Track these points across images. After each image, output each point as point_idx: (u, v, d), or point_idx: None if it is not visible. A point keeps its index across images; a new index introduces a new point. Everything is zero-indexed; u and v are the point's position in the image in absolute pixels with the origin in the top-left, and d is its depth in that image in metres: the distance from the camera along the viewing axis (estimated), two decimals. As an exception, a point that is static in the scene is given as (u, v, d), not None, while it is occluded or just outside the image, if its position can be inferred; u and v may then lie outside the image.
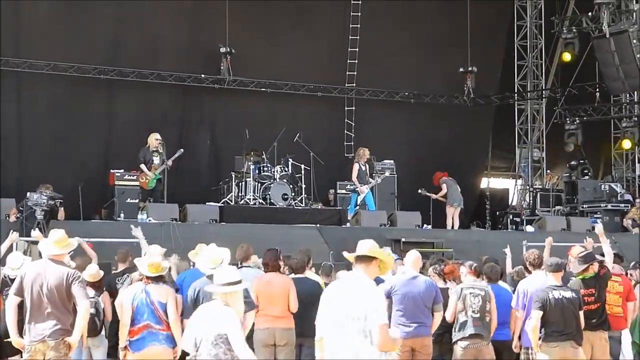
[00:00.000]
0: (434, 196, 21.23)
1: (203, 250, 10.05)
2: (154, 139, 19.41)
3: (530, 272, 11.15)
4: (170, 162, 19.26)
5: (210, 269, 9.35)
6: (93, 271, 11.56)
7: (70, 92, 21.89)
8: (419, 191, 21.32)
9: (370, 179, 20.89)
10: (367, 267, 7.20)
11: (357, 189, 20.68)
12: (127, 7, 22.28)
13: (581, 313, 10.00)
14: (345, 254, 7.40)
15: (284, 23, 23.98)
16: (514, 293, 10.95)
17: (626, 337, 11.48)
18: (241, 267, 11.56)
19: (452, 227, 21.15)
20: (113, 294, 11.39)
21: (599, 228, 12.27)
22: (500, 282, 11.43)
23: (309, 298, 10.59)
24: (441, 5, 25.26)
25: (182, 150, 19.65)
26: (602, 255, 11.24)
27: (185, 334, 7.78)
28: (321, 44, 24.44)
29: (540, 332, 9.84)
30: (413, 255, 10.91)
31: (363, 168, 20.77)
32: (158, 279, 9.47)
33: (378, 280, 10.94)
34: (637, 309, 11.99)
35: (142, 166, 19.25)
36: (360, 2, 24.43)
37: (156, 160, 19.31)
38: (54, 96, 21.79)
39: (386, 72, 25.01)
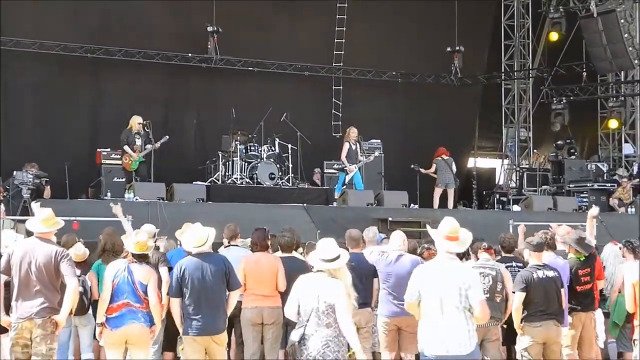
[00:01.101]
0: (423, 170, 21.26)
1: (188, 230, 10.07)
2: (136, 122, 19.28)
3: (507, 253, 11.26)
4: (157, 145, 19.17)
5: (195, 247, 9.39)
6: (79, 250, 11.56)
7: (57, 71, 21.84)
8: (412, 166, 21.32)
9: (361, 158, 20.88)
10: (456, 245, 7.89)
11: (345, 168, 20.68)
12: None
13: (563, 291, 10.03)
14: (430, 230, 8.04)
15: (272, 2, 23.92)
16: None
17: (599, 317, 11.51)
18: (228, 246, 11.61)
19: (436, 207, 21.15)
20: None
21: (593, 211, 12.16)
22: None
23: (296, 277, 10.64)
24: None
25: (167, 137, 19.46)
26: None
27: (289, 303, 8.19)
28: (309, 24, 24.41)
29: (524, 313, 9.85)
30: (397, 235, 10.94)
31: (353, 147, 20.76)
32: (142, 258, 9.51)
33: (362, 258, 11.07)
34: (617, 289, 12.05)
35: (126, 147, 19.15)
36: (347, -19, 24.42)
37: (138, 142, 19.23)
38: (39, 75, 21.73)
39: (373, 51, 25.01)
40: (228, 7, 22.80)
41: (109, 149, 19.85)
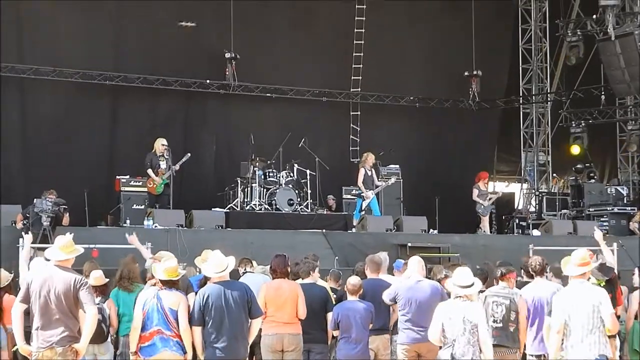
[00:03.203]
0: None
1: (208, 257, 10.05)
2: (160, 144, 19.44)
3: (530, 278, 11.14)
4: (177, 167, 19.31)
5: (215, 272, 9.38)
6: (97, 275, 11.56)
7: (75, 97, 21.91)
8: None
9: (378, 184, 20.85)
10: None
11: (362, 194, 20.66)
12: (131, 13, 22.32)
13: None
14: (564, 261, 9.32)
15: (289, 28, 24.02)
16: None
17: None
18: (245, 272, 11.62)
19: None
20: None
21: (597, 235, 12.21)
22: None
23: (316, 304, 10.62)
24: (445, 9, 25.28)
25: (189, 154, 19.67)
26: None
27: (433, 327, 9.26)
28: (326, 49, 24.45)
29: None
30: (415, 260, 10.90)
31: (369, 173, 20.75)
32: (171, 284, 9.47)
33: (382, 284, 11.04)
34: (633, 316, 11.99)
35: (150, 171, 19.28)
36: (364, 6, 24.44)
37: (163, 165, 19.34)
38: (58, 102, 21.82)
39: (391, 76, 25.02)
40: (246, 33, 22.90)
41: (128, 176, 19.90)
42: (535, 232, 22.47)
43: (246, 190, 20.46)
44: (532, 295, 10.46)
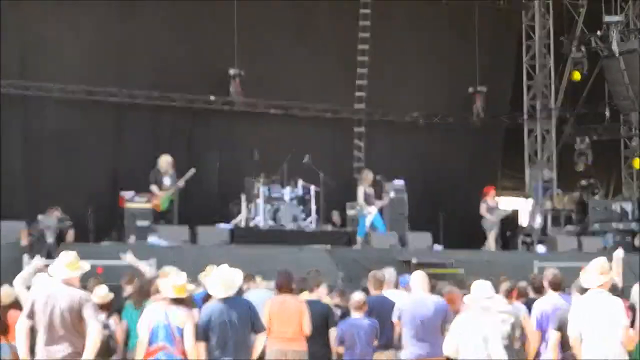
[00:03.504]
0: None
1: (214, 272, 10.04)
2: (165, 161, 19.46)
3: (538, 293, 11.13)
4: (181, 183, 19.32)
5: (221, 291, 9.36)
6: (102, 292, 11.57)
7: (79, 114, 21.89)
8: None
9: (377, 201, 20.81)
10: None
11: (364, 211, 20.61)
12: (134, 29, 22.34)
13: None
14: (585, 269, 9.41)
15: (292, 44, 24.03)
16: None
17: None
18: (248, 288, 11.63)
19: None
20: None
21: (619, 253, 12.04)
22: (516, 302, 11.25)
23: (317, 320, 10.62)
24: (450, 26, 25.36)
25: (194, 169, 19.68)
26: None
27: (450, 341, 9.37)
28: (329, 65, 24.47)
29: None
30: (418, 276, 10.90)
31: (368, 191, 20.72)
32: (179, 302, 9.45)
33: (386, 300, 11.05)
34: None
35: (154, 187, 19.29)
36: (368, 23, 24.50)
37: (167, 182, 19.35)
38: (61, 118, 21.78)
39: (395, 92, 25.04)
40: (250, 49, 22.92)
41: (132, 192, 19.90)
42: (540, 249, 22.46)
43: (251, 206, 20.47)
44: (544, 309, 10.43)
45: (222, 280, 9.42)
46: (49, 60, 21.45)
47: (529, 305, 10.98)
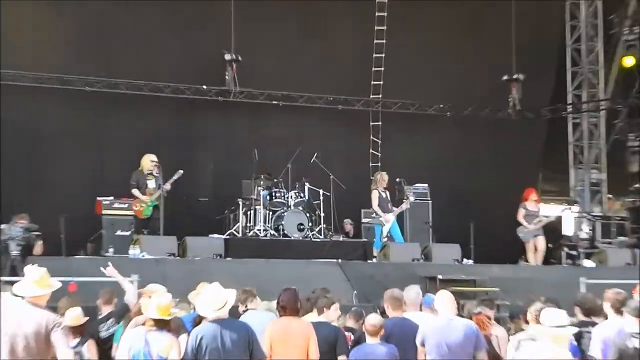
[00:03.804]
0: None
1: (204, 290, 10.00)
2: (149, 161, 19.45)
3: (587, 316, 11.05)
4: (167, 186, 19.30)
5: (212, 311, 9.32)
6: (75, 314, 11.50)
7: (51, 106, 21.95)
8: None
9: (394, 208, 20.74)
10: None
11: (380, 219, 20.57)
12: (116, 11, 22.36)
13: None
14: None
15: (299, 26, 24.03)
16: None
17: None
18: (246, 310, 11.56)
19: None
20: (97, 343, 11.37)
21: None
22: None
23: (323, 346, 10.54)
24: (481, 4, 25.24)
25: (181, 171, 19.65)
26: None
27: None
28: (342, 50, 24.48)
29: None
30: (444, 296, 10.83)
31: (384, 195, 20.66)
32: (163, 325, 9.41)
33: (407, 323, 10.97)
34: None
35: (136, 191, 19.28)
36: (386, 0, 24.45)
37: (151, 184, 19.34)
38: (32, 111, 21.85)
39: (418, 81, 24.98)
40: (248, 32, 22.90)
41: (111, 198, 19.87)
42: (588, 263, 22.38)
43: (249, 213, 20.47)
44: (606, 335, 10.30)
45: (213, 299, 9.37)
46: (19, 45, 21.43)
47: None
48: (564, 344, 9.17)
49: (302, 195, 20.79)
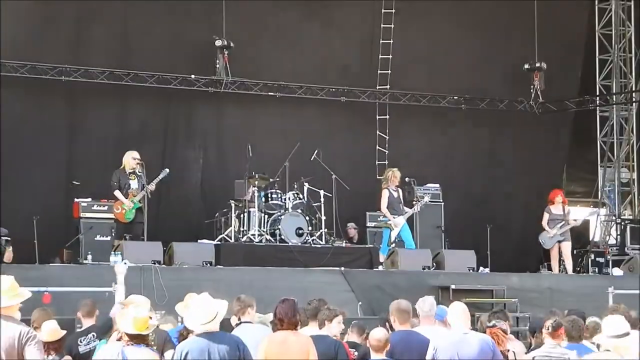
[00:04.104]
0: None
1: (192, 301, 10.04)
2: (131, 159, 19.45)
3: None
4: (152, 187, 19.32)
5: (201, 324, 9.36)
6: (51, 328, 11.56)
7: (22, 99, 21.92)
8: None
9: (407, 209, 20.81)
10: None
11: (388, 222, 20.62)
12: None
13: None
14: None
15: (297, 9, 24.04)
16: None
17: None
18: (239, 324, 11.60)
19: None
20: (74, 359, 11.43)
21: None
22: (586, 342, 11.32)
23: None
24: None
25: (167, 170, 19.70)
26: None
27: None
28: (345, 36, 24.51)
29: None
30: (458, 308, 10.87)
31: (395, 195, 20.72)
32: (140, 340, 9.45)
33: (415, 337, 11.04)
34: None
35: (117, 193, 19.27)
36: (394, -21, 24.54)
37: (134, 184, 19.35)
38: (2, 105, 21.81)
39: (429, 70, 25.05)
40: (242, 16, 22.95)
41: (89, 199, 19.93)
42: (617, 272, 22.42)
43: (242, 216, 20.49)
44: None
45: (201, 310, 9.40)
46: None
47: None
48: (625, 350, 9.00)
49: (301, 196, 20.81)
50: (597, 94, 27.65)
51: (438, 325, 12.02)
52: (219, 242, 20.07)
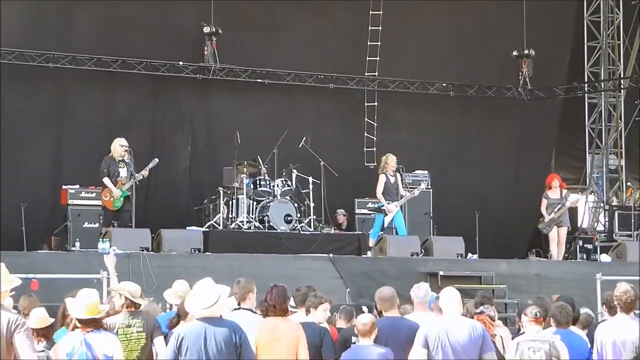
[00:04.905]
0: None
1: (195, 287, 9.99)
2: (119, 146, 19.45)
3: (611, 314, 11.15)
4: (145, 173, 19.32)
5: (202, 309, 9.33)
6: (40, 316, 11.55)
7: (9, 85, 21.85)
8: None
9: (403, 193, 20.84)
10: None
11: (383, 208, 20.66)
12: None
13: None
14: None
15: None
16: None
17: None
18: (238, 309, 11.60)
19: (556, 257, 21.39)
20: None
21: None
22: (574, 328, 11.36)
23: (312, 348, 10.60)
24: (488, -29, 25.33)
25: (156, 159, 19.70)
26: None
27: None
28: (334, 22, 24.50)
29: None
30: (449, 294, 10.88)
31: (392, 180, 20.76)
32: (94, 324, 9.47)
33: (402, 322, 11.07)
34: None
35: (106, 180, 19.26)
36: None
37: (123, 172, 19.35)
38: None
39: (417, 57, 25.04)
40: (230, 2, 22.91)
41: (77, 186, 19.91)
42: (605, 258, 22.47)
43: (231, 203, 20.50)
44: (614, 338, 10.42)
45: (203, 295, 9.37)
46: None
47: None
48: None
49: (289, 183, 20.82)
50: (586, 80, 27.67)
51: (427, 311, 12.05)
52: (207, 229, 20.07)
